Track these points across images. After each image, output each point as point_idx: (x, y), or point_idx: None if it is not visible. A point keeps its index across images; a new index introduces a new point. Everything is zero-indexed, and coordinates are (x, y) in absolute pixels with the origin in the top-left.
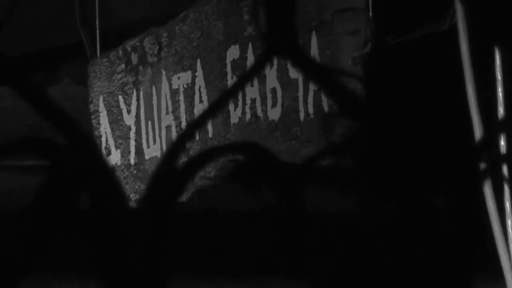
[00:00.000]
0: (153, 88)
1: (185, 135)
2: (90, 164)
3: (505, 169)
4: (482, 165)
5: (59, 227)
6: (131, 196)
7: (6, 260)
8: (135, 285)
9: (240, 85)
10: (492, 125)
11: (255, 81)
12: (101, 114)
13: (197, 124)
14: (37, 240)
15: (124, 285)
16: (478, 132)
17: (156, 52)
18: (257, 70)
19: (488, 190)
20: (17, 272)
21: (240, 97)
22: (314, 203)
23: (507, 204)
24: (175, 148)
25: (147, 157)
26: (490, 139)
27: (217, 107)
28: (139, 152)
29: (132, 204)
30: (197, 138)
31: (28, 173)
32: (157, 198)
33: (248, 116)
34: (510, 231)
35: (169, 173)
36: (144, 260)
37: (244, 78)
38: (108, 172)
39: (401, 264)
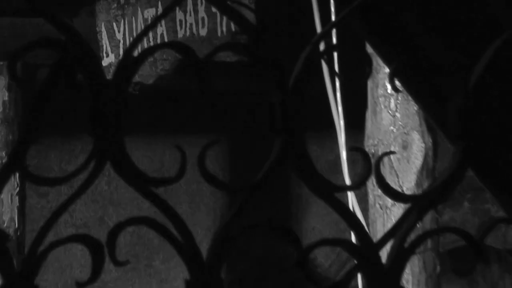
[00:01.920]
0: (133, 17)
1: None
2: (90, 60)
3: (335, 55)
4: (321, 51)
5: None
6: None
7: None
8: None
9: (173, 9)
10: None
11: (192, 13)
12: (102, 33)
13: (148, 30)
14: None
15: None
16: (318, 24)
17: None
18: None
19: (325, 69)
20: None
21: (183, 23)
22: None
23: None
24: (136, 44)
25: None
26: (328, 32)
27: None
28: None
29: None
30: None
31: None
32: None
33: (188, 33)
34: (338, 94)
35: (134, 61)
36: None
37: (173, 6)
38: (100, 65)
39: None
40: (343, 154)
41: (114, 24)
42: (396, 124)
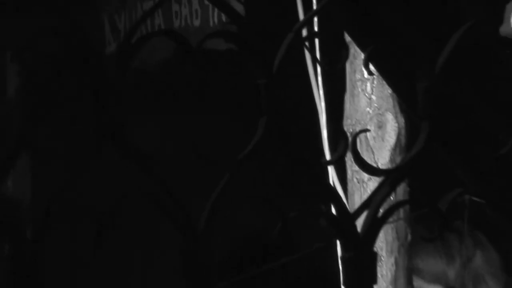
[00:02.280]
0: (133, 9)
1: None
2: (96, 48)
3: (317, 42)
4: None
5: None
6: None
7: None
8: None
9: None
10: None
11: (187, 5)
12: (105, 24)
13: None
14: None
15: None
16: (301, 16)
17: None
18: None
19: (308, 56)
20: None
21: (179, 14)
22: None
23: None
24: (135, 30)
25: None
26: (310, 20)
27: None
28: None
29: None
30: None
31: None
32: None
33: (183, 23)
34: (319, 80)
35: (132, 46)
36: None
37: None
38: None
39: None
40: (324, 133)
41: (116, 17)
42: (372, 105)
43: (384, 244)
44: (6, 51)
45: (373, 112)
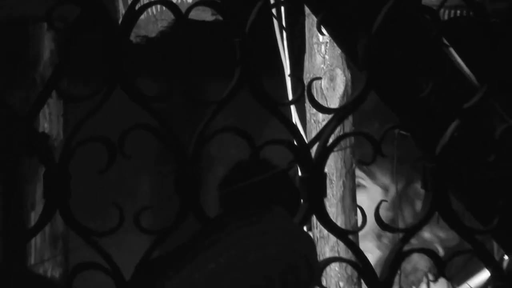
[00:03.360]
0: None
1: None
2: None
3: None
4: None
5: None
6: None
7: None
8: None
9: None
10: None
11: None
12: (119, 1)
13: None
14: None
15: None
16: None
17: None
18: None
19: (278, 35)
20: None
21: None
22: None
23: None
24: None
25: None
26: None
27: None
28: None
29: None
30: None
31: None
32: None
33: (179, 0)
34: (285, 42)
35: (136, 12)
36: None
37: None
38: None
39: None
40: (288, 83)
41: None
42: (325, 63)
43: (335, 170)
44: (43, 22)
45: (326, 68)
